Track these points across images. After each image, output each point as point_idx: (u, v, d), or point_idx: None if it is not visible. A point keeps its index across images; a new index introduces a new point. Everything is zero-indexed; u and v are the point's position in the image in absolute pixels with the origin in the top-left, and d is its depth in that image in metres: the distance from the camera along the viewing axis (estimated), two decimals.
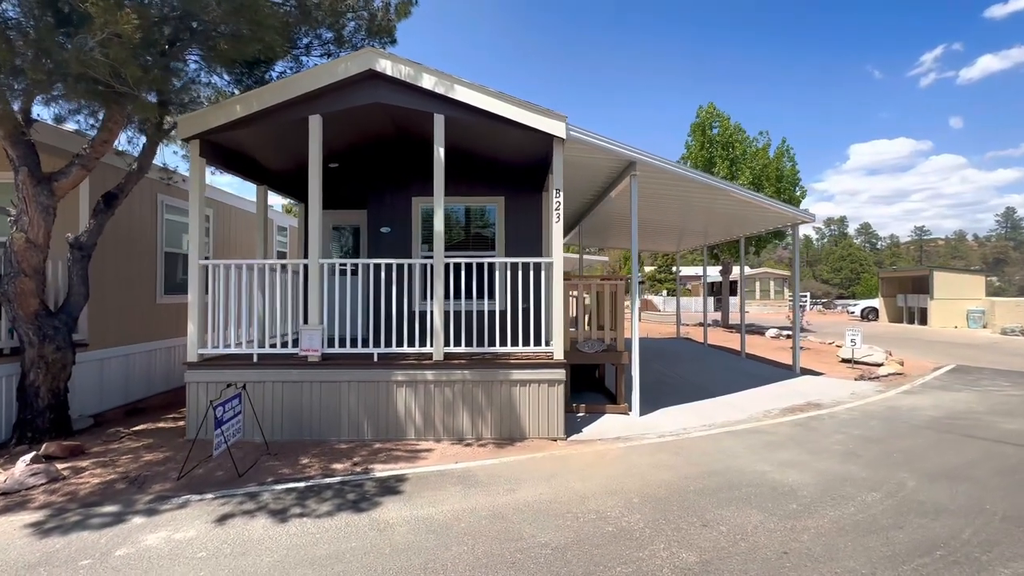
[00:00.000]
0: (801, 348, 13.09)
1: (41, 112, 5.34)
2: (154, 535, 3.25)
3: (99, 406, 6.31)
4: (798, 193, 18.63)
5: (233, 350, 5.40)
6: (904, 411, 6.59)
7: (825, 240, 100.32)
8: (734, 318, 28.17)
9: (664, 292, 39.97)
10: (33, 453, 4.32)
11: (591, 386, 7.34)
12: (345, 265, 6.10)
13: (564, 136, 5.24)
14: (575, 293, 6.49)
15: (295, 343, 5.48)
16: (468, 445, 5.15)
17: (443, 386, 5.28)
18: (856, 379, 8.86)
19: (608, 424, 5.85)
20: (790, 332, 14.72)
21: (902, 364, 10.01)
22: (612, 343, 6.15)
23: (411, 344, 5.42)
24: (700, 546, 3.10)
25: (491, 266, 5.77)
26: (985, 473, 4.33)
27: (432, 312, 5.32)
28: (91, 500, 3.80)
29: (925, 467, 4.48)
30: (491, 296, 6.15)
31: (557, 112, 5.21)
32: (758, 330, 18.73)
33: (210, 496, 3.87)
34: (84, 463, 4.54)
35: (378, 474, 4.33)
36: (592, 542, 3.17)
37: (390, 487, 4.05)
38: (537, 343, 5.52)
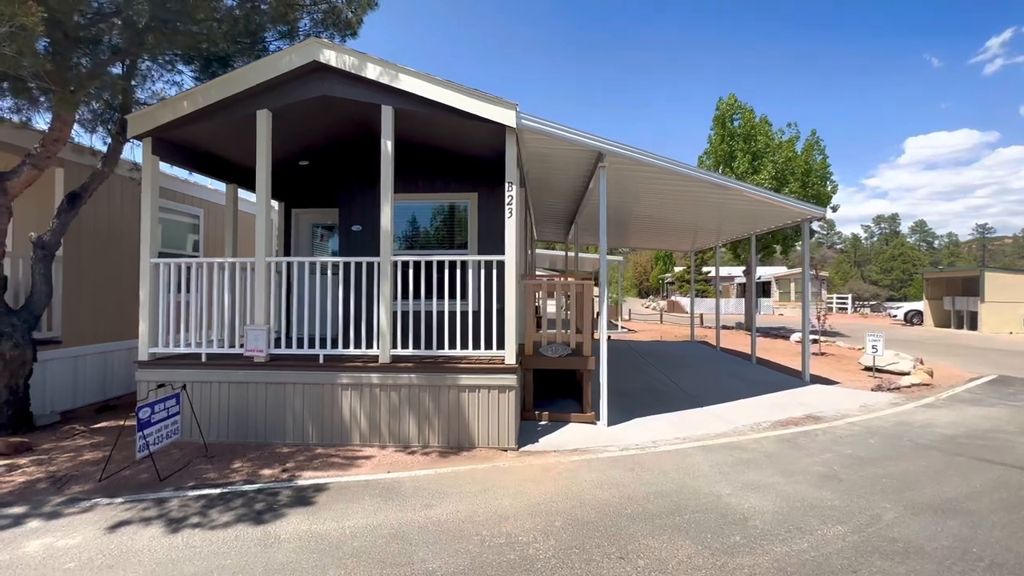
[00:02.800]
0: (823, 354, 12.20)
1: None
2: (38, 541, 3.14)
3: (73, 402, 6.44)
4: (828, 188, 17.40)
5: (183, 349, 5.34)
6: (915, 428, 5.86)
7: (875, 239, 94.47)
8: (762, 320, 26.75)
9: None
10: None
11: (567, 392, 6.92)
12: (293, 264, 5.90)
13: (515, 125, 4.90)
14: (543, 293, 6.11)
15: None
16: (412, 453, 4.89)
17: (389, 390, 5.03)
18: (873, 389, 8.04)
19: (571, 434, 5.45)
20: (818, 337, 13.73)
21: (931, 374, 9.04)
22: (578, 347, 5.74)
23: (366, 345, 5.19)
24: None
25: (440, 264, 5.49)
26: (986, 506, 3.69)
27: (379, 312, 5.09)
28: (7, 500, 3.76)
29: (914, 496, 3.88)
30: (440, 296, 5.84)
31: (506, 100, 4.88)
32: (784, 334, 17.63)
33: (120, 500, 3.76)
34: (23, 460, 4.56)
35: (301, 482, 4.13)
36: (484, 572, 2.83)
37: (305, 497, 3.83)
38: (489, 346, 5.19)
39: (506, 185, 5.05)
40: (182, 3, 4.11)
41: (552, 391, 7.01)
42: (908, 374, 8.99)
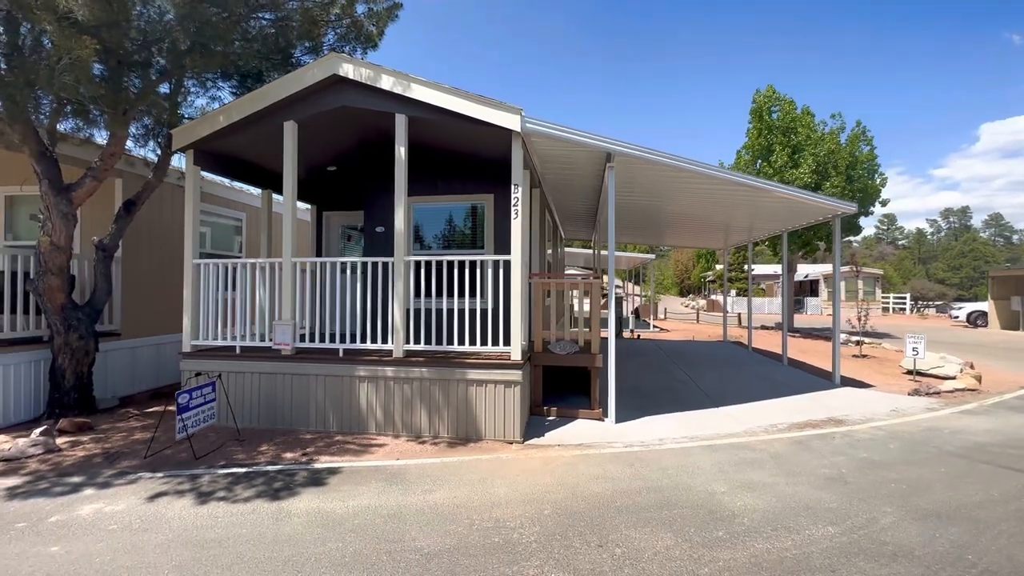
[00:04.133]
0: (864, 356, 11.64)
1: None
2: (90, 506, 3.62)
3: (131, 388, 7.15)
4: (876, 181, 16.46)
5: (220, 342, 5.86)
6: (944, 434, 5.58)
7: (943, 234, 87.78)
8: (809, 320, 25.53)
9: (733, 292, 37.21)
10: (44, 427, 5.01)
11: (579, 389, 7.02)
12: (316, 264, 6.28)
13: (519, 129, 5.07)
14: (554, 291, 6.24)
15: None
16: (423, 443, 5.17)
17: (402, 383, 5.33)
18: (909, 394, 7.66)
19: (577, 430, 5.57)
20: (861, 338, 13.07)
21: (979, 379, 8.48)
22: (587, 344, 5.84)
23: (381, 341, 5.52)
24: (576, 568, 2.86)
25: (450, 264, 5.72)
26: (997, 515, 3.54)
27: (393, 310, 5.40)
28: (68, 471, 4.32)
29: (921, 502, 3.76)
30: (451, 294, 6.08)
31: (512, 105, 5.05)
32: (827, 335, 16.84)
33: (160, 475, 4.23)
34: (85, 438, 5.18)
35: (317, 465, 4.48)
36: (468, 552, 3.04)
37: (318, 479, 4.18)
38: (496, 343, 5.40)
39: (512, 187, 5.23)
40: (213, 28, 4.54)
41: (563, 387, 7.14)
42: (953, 378, 8.48)
